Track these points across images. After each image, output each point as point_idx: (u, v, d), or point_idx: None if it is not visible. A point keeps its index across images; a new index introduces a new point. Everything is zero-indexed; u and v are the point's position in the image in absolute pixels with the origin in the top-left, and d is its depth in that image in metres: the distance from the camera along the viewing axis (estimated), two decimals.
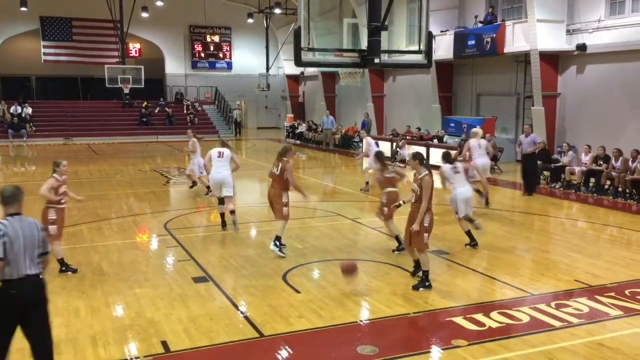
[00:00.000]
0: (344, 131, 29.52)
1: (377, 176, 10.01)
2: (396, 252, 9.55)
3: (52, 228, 8.18)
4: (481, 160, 13.34)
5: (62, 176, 8.55)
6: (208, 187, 13.46)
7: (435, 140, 22.71)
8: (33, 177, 19.52)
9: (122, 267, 8.92)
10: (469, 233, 9.92)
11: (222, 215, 11.20)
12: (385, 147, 21.24)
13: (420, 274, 7.97)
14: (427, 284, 7.80)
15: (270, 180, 9.64)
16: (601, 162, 15.34)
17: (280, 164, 9.37)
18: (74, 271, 8.52)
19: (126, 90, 34.97)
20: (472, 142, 13.54)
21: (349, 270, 7.73)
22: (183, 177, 18.35)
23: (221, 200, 11.05)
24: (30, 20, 36.25)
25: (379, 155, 10.12)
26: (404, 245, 8.70)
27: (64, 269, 8.51)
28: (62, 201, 8.55)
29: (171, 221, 12.07)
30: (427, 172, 7.76)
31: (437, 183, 9.47)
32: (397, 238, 9.57)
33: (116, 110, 36.08)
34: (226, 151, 11.03)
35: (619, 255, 9.65)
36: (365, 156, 16.31)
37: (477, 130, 14.35)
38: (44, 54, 37.45)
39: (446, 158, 10.11)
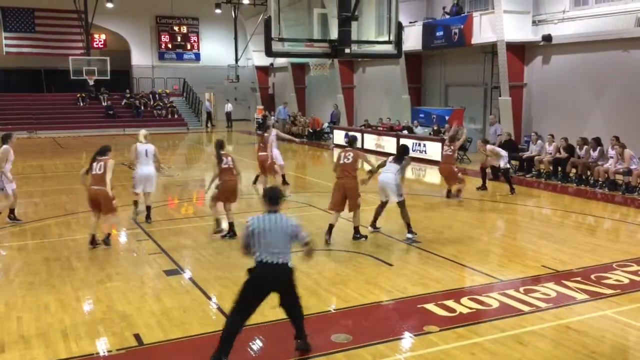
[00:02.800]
0: (310, 123, 29.42)
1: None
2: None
3: None
4: None
5: None
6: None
7: (406, 131, 22.88)
8: None
9: (92, 261, 8.80)
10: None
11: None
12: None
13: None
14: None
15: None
16: (565, 152, 15.69)
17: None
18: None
19: (91, 82, 34.28)
20: None
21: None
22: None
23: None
24: None
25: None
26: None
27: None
28: None
29: (141, 214, 11.91)
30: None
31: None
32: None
33: (76, 105, 35.33)
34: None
35: (584, 241, 9.90)
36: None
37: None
38: (6, 45, 36.49)
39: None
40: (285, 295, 5.68)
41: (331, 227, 9.79)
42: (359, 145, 15.14)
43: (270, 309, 6.75)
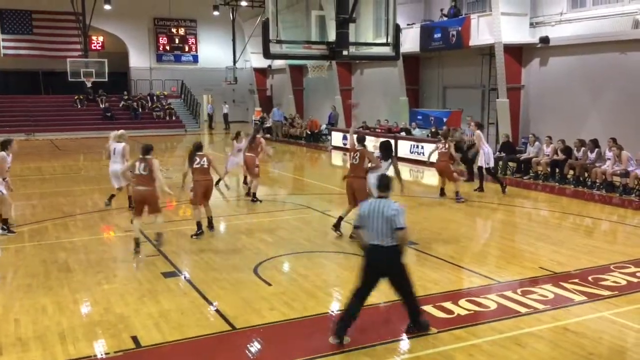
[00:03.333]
0: (307, 125, 29.40)
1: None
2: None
3: None
4: None
5: None
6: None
7: (403, 133, 22.90)
8: None
9: (90, 263, 8.79)
10: None
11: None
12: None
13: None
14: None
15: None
16: (562, 154, 15.72)
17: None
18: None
19: (89, 84, 34.25)
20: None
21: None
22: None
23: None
24: None
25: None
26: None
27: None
28: None
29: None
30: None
31: None
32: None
33: (74, 107, 35.27)
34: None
35: (582, 243, 9.91)
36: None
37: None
38: (4, 47, 36.47)
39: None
40: (392, 276, 6.04)
41: (340, 219, 10.29)
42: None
43: (268, 311, 6.76)
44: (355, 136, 10.82)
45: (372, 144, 22.89)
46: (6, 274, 8.37)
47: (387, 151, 10.40)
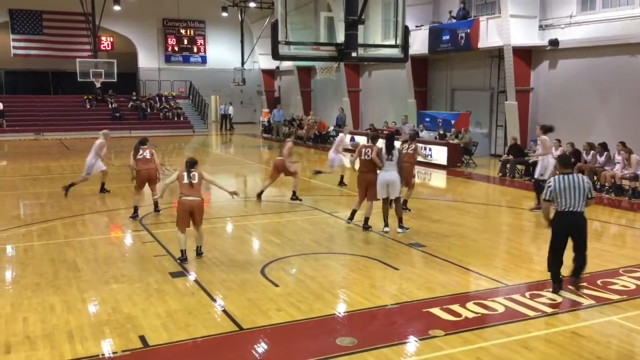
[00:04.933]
0: (316, 126, 29.41)
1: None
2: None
3: None
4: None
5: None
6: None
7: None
8: (4, 173, 19.17)
9: (98, 263, 8.82)
10: None
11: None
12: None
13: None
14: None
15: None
16: (572, 158, 15.63)
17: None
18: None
19: (98, 85, 34.43)
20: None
21: None
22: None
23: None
24: None
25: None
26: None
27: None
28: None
29: (146, 216, 11.96)
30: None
31: None
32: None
33: (83, 107, 35.46)
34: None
35: (591, 247, 9.74)
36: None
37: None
38: (14, 47, 36.74)
39: None
40: (577, 239, 7.32)
41: (354, 211, 11.06)
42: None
43: (275, 312, 6.76)
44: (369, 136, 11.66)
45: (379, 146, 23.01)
46: (15, 272, 8.42)
47: (390, 148, 10.54)
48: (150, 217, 11.93)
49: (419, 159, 13.61)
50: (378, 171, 10.45)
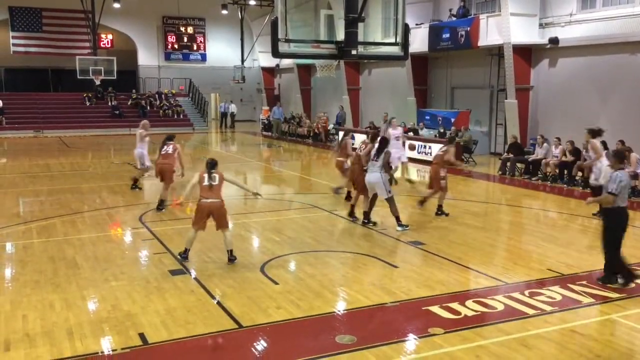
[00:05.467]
0: (315, 125, 29.38)
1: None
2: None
3: None
4: None
5: None
6: None
7: (411, 133, 22.84)
8: (3, 171, 19.17)
9: (97, 260, 8.82)
10: None
11: None
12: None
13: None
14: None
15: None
16: (571, 156, 15.64)
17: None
18: None
19: (98, 82, 34.40)
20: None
21: None
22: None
23: None
24: None
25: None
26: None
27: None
28: None
29: (146, 214, 11.97)
30: None
31: None
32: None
33: (83, 105, 35.43)
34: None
35: (590, 245, 9.86)
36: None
37: None
38: (13, 44, 36.68)
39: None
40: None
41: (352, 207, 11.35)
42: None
43: (275, 309, 6.77)
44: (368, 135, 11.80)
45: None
46: (14, 270, 8.42)
47: (380, 149, 10.61)
48: (150, 214, 11.93)
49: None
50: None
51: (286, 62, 36.12)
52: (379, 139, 10.81)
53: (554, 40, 19.01)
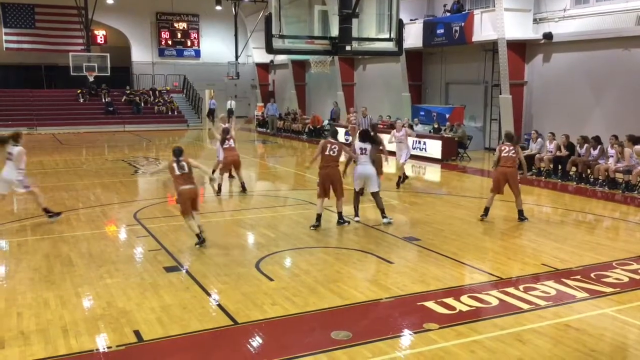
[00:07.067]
0: (309, 121, 29.32)
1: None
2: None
3: None
4: None
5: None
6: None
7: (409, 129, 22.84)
8: None
9: (92, 257, 8.80)
10: None
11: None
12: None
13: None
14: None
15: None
16: (566, 150, 15.70)
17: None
18: None
19: (91, 79, 34.23)
20: None
21: None
22: (152, 167, 18.14)
23: None
24: None
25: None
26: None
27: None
28: None
29: (141, 211, 11.93)
30: None
31: None
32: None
33: (76, 102, 35.29)
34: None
35: (584, 239, 9.90)
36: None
37: None
38: (6, 41, 36.43)
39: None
40: None
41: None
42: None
43: (270, 306, 6.77)
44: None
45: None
46: (9, 267, 8.39)
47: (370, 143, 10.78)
48: (144, 211, 11.90)
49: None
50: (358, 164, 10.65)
51: (280, 58, 36.04)
52: (358, 132, 10.96)
53: (548, 36, 19.05)
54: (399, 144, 14.81)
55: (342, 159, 10.88)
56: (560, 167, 15.78)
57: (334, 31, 9.91)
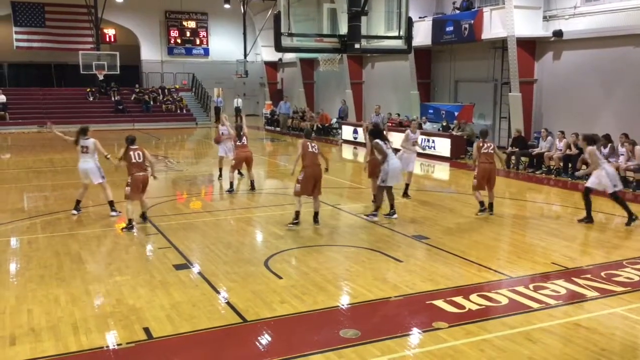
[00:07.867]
0: (318, 119, 29.33)
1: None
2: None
3: None
4: None
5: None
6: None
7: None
8: (7, 166, 19.21)
9: (102, 255, 8.85)
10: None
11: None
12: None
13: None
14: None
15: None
16: (575, 149, 15.60)
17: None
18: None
19: (101, 77, 34.37)
20: None
21: None
22: (161, 165, 18.20)
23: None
24: (1, 5, 35.49)
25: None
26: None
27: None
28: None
29: (150, 209, 11.96)
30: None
31: None
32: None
33: (86, 100, 35.45)
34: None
35: (594, 238, 9.85)
36: None
37: None
38: (16, 40, 36.67)
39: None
40: None
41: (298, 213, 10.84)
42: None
43: (279, 304, 6.78)
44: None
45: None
46: (19, 265, 8.45)
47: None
48: (153, 209, 11.94)
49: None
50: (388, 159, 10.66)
51: (289, 57, 36.03)
52: (368, 131, 11.05)
53: (558, 33, 18.93)
54: (412, 147, 13.24)
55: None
56: (570, 165, 15.69)
57: (343, 29, 9.89)
